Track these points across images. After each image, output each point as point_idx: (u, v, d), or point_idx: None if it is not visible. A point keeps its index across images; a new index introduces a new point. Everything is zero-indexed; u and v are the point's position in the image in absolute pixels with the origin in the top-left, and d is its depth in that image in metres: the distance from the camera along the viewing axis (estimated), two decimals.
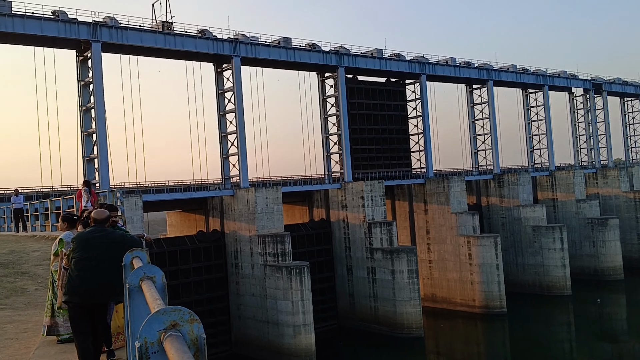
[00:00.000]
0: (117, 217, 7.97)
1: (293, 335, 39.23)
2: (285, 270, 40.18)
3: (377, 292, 47.14)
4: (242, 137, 49.17)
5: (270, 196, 43.98)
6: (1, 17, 39.46)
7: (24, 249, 16.89)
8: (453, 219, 54.11)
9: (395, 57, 59.94)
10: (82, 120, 44.69)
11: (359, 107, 57.32)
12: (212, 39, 48.19)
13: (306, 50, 53.42)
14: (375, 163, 57.81)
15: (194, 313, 2.43)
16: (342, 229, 50.60)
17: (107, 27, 43.26)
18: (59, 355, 7.06)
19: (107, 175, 42.43)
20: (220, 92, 51.08)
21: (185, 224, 52.14)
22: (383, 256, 46.92)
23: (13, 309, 10.23)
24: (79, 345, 5.64)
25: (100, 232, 5.89)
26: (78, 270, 5.62)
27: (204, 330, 2.42)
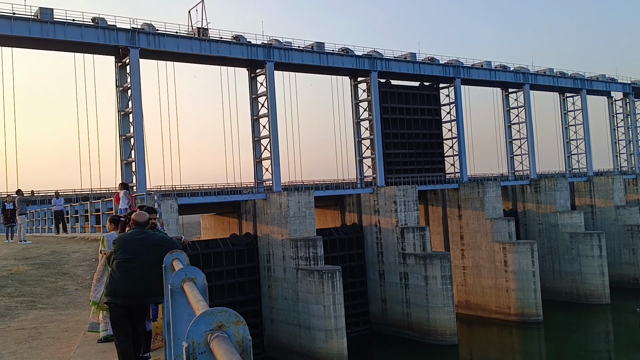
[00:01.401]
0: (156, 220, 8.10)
1: (325, 340, 39.16)
2: (317, 274, 40.18)
3: (410, 298, 46.70)
4: (275, 141, 49.48)
5: (303, 200, 44.11)
6: (43, 24, 40.67)
7: (65, 249, 17.31)
8: (488, 225, 53.28)
9: (429, 61, 59.51)
10: (120, 125, 45.67)
11: (392, 112, 57.05)
12: (246, 45, 48.71)
13: (339, 54, 53.50)
14: (408, 168, 57.40)
15: (240, 315, 2.45)
16: (375, 233, 50.36)
17: (145, 33, 44.16)
18: (99, 354, 7.19)
19: (144, 179, 43.22)
20: (254, 97, 51.54)
21: (219, 227, 52.69)
22: (416, 262, 46.49)
23: (54, 308, 10.48)
24: (119, 345, 5.73)
25: (141, 234, 5.98)
26: (120, 271, 5.72)
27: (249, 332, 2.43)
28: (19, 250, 17.48)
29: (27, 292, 11.57)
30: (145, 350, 6.55)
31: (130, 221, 6.46)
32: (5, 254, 16.53)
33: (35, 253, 16.54)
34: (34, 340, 8.03)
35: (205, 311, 2.41)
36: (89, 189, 46.45)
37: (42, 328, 8.79)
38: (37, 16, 40.78)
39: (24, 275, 13.16)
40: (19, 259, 15.44)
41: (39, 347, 7.72)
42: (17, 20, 40.02)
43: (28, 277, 12.92)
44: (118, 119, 45.91)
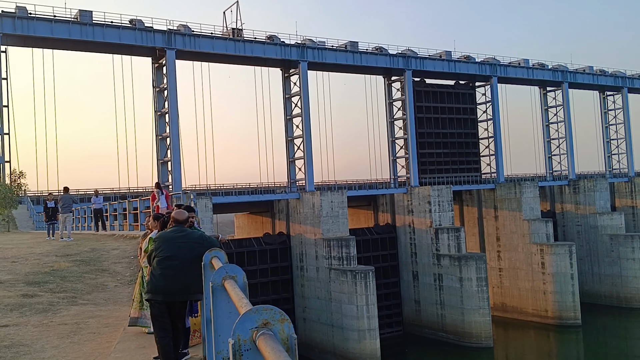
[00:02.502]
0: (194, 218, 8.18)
1: (358, 340, 39.05)
2: (350, 274, 40.08)
3: (444, 300, 46.16)
4: (308, 141, 49.59)
5: (336, 200, 44.07)
6: (83, 26, 41.67)
7: (104, 247, 17.68)
8: (525, 226, 52.29)
9: (464, 59, 58.76)
10: (157, 125, 46.48)
11: (427, 111, 56.52)
12: (280, 45, 48.95)
13: (373, 53, 53.28)
14: (443, 167, 56.78)
15: (285, 313, 2.43)
16: (408, 234, 49.96)
17: (181, 34, 44.80)
18: (138, 350, 7.29)
19: (180, 178, 43.88)
20: (287, 97, 51.77)
21: (252, 226, 53.08)
22: (451, 263, 45.93)
23: (94, 304, 10.69)
24: (159, 341, 5.80)
25: (181, 232, 6.04)
26: (160, 269, 5.78)
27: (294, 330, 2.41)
28: (61, 247, 17.93)
29: (69, 288, 11.84)
30: (183, 346, 6.62)
31: (170, 219, 6.53)
32: (47, 250, 16.99)
33: (75, 250, 16.95)
34: (76, 335, 8.20)
35: (251, 309, 2.39)
36: (127, 188, 47.41)
37: (83, 323, 8.97)
38: (77, 18, 41.81)
39: (66, 271, 13.49)
40: (60, 255, 15.84)
41: (80, 342, 7.87)
42: (58, 23, 41.11)
43: (69, 274, 13.23)
44: (155, 119, 46.73)
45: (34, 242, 20.26)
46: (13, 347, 7.48)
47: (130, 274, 13.44)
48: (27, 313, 9.58)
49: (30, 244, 19.69)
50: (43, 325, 8.80)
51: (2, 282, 11.97)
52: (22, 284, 11.93)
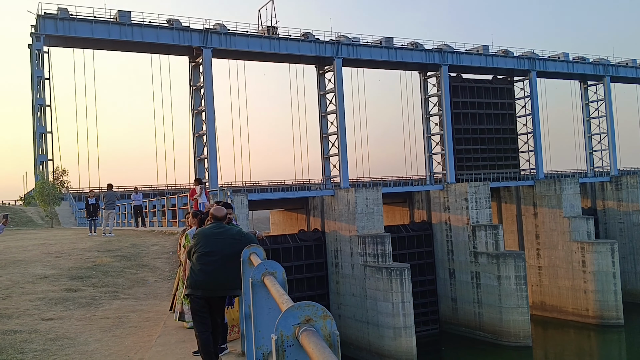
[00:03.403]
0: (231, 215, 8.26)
1: (393, 338, 38.84)
2: (386, 271, 39.88)
3: (482, 298, 45.51)
4: (343, 137, 49.53)
5: (371, 197, 43.88)
6: (122, 26, 42.54)
7: (144, 242, 18.03)
8: (565, 224, 51.07)
9: (502, 54, 57.71)
10: (194, 123, 47.15)
11: (463, 106, 55.73)
12: (314, 42, 48.99)
13: (408, 49, 52.83)
14: (480, 164, 55.92)
15: (327, 309, 2.42)
16: (445, 231, 49.40)
17: (217, 33, 45.29)
18: (178, 344, 7.41)
19: (216, 175, 44.43)
20: (322, 94, 51.79)
21: (287, 223, 53.35)
22: (488, 261, 45.22)
23: (135, 298, 10.91)
24: (199, 335, 5.88)
25: (220, 228, 6.10)
26: (200, 264, 5.85)
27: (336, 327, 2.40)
28: (102, 242, 18.37)
29: (110, 282, 12.12)
30: (222, 341, 6.69)
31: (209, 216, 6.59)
32: (89, 246, 17.43)
33: (117, 246, 17.34)
34: (118, 329, 8.39)
35: (293, 305, 2.39)
36: (165, 185, 48.30)
37: (125, 317, 9.16)
38: (116, 19, 42.71)
39: (107, 266, 13.81)
40: (102, 251, 16.23)
41: (122, 335, 8.05)
42: (98, 23, 42.08)
43: (111, 269, 13.55)
44: (191, 118, 47.41)
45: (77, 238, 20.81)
46: (58, 339, 7.69)
47: (170, 269, 13.67)
48: (71, 307, 9.84)
49: (73, 239, 20.24)
50: (86, 318, 9.03)
51: (47, 277, 12.33)
52: (65, 278, 12.26)
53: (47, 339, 7.67)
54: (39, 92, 41.81)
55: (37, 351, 7.11)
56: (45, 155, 42.24)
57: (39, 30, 40.89)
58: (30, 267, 13.35)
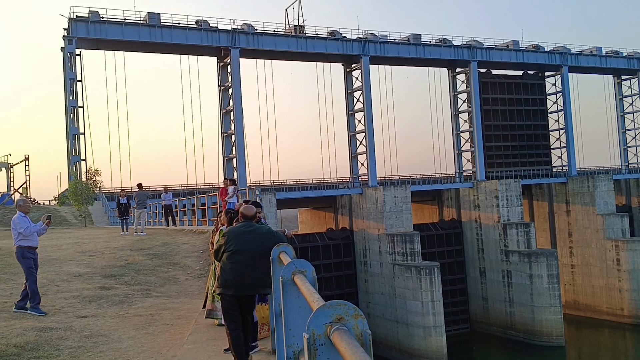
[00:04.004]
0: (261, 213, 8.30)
1: (423, 337, 38.56)
2: (415, 270, 39.60)
3: (513, 297, 44.83)
4: (371, 135, 49.36)
5: (399, 195, 43.62)
6: (152, 28, 43.16)
7: (175, 241, 18.26)
8: (599, 221, 49.95)
9: (533, 49, 56.73)
10: (222, 123, 47.58)
11: (493, 103, 54.99)
12: (341, 40, 48.93)
13: (436, 45, 52.36)
14: (511, 161, 55.09)
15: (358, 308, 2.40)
16: (475, 229, 48.80)
17: (245, 33, 45.60)
18: (209, 341, 7.48)
19: (245, 174, 44.76)
20: (349, 92, 51.70)
21: (316, 221, 53.42)
22: (520, 259, 44.52)
23: (167, 296, 11.06)
24: (230, 333, 5.92)
25: (250, 227, 6.12)
26: (230, 263, 5.89)
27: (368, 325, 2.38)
28: (134, 241, 18.67)
29: (143, 280, 12.32)
30: (252, 339, 6.73)
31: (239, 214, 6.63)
32: (122, 244, 17.74)
33: (148, 244, 17.60)
34: (150, 327, 8.51)
35: (325, 304, 2.38)
36: (194, 184, 48.85)
37: (157, 315, 9.29)
38: (146, 21, 43.34)
39: (139, 265, 14.03)
40: (134, 249, 16.50)
41: (154, 332, 8.16)
42: (128, 26, 42.78)
43: (143, 267, 13.76)
44: (220, 117, 47.85)
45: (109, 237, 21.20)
46: (92, 337, 7.84)
47: (200, 267, 13.82)
48: (105, 304, 10.03)
49: (106, 238, 20.62)
50: (119, 316, 9.19)
51: (81, 275, 12.59)
52: (99, 276, 12.50)
53: (82, 336, 7.82)
54: (71, 94, 42.72)
55: (72, 348, 7.26)
56: (79, 156, 43.14)
57: (71, 33, 41.76)
58: (65, 266, 13.65)
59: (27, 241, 9.36)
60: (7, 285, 11.47)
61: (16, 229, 9.33)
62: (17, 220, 9.36)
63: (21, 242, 9.34)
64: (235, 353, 5.89)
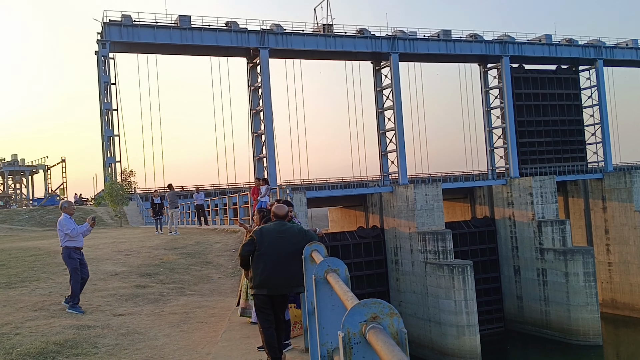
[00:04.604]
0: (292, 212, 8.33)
1: (456, 336, 38.15)
2: (447, 268, 39.21)
3: (549, 296, 44.00)
4: (401, 133, 49.06)
5: (430, 193, 43.24)
6: (182, 30, 43.73)
7: (207, 240, 18.49)
8: (637, 218, 48.62)
9: (566, 43, 55.55)
10: (252, 123, 47.92)
11: (526, 98, 54.04)
12: (370, 38, 48.76)
13: (467, 41, 51.72)
14: (545, 157, 54.06)
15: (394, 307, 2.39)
16: (508, 227, 48.05)
17: (274, 33, 45.83)
18: (243, 339, 7.55)
19: (275, 173, 45.00)
20: (379, 90, 51.48)
21: (346, 220, 53.37)
22: (555, 257, 43.67)
23: (201, 295, 11.21)
24: (264, 331, 5.96)
25: (281, 226, 6.15)
26: (263, 262, 5.93)
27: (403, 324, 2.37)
28: (168, 240, 18.97)
29: (177, 279, 12.51)
30: (285, 337, 6.76)
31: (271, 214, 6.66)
32: (156, 244, 18.04)
33: (182, 243, 17.87)
34: (185, 324, 8.64)
35: (360, 302, 2.38)
36: (226, 184, 49.33)
37: (191, 313, 9.43)
38: (177, 23, 43.94)
39: (174, 263, 14.25)
40: (168, 248, 16.76)
41: (189, 330, 8.28)
42: (160, 29, 43.44)
43: (177, 266, 13.97)
44: (250, 118, 48.21)
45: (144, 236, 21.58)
46: (129, 334, 8.00)
47: (233, 266, 13.95)
48: (141, 303, 10.22)
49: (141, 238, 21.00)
50: (155, 314, 9.35)
51: (118, 274, 12.85)
52: (135, 275, 12.74)
53: (119, 334, 7.99)
54: (106, 97, 43.61)
55: (109, 346, 7.42)
56: (114, 158, 44.03)
57: (105, 37, 42.62)
58: (102, 265, 13.95)
59: (73, 242, 9.58)
60: (47, 284, 11.78)
61: (62, 230, 9.53)
62: (63, 221, 9.57)
63: (67, 243, 9.55)
64: (269, 351, 5.93)
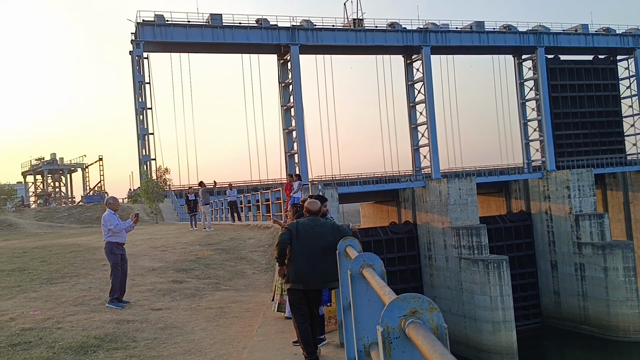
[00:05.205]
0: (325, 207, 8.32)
1: (492, 332, 37.66)
2: (482, 264, 38.69)
3: (587, 291, 43.02)
4: (433, 127, 48.57)
5: (464, 187, 42.70)
6: (214, 29, 44.15)
7: (241, 236, 18.65)
8: None
9: (603, 32, 54.04)
10: (283, 119, 48.11)
11: (562, 89, 52.83)
12: (401, 31, 48.35)
13: (500, 32, 50.83)
14: (582, 150, 52.80)
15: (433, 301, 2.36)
16: (545, 221, 47.10)
17: (304, 29, 45.85)
18: (278, 334, 7.59)
19: (306, 169, 45.10)
20: (410, 84, 51.03)
21: (378, 215, 53.15)
22: (593, 252, 42.64)
23: (235, 290, 11.31)
24: (298, 326, 5.97)
25: (315, 221, 6.14)
26: (298, 258, 5.93)
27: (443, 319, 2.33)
28: (203, 236, 19.21)
29: (212, 274, 12.66)
30: (320, 332, 6.77)
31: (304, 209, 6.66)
32: (191, 240, 18.29)
33: (216, 239, 18.06)
34: (221, 319, 8.73)
35: (398, 297, 2.35)
36: (258, 180, 49.67)
37: (227, 308, 9.52)
38: (208, 22, 44.37)
39: (209, 259, 14.43)
40: (203, 244, 16.98)
41: (225, 325, 8.37)
42: (192, 28, 43.94)
43: (212, 261, 14.14)
44: (281, 114, 48.40)
45: (179, 233, 21.90)
46: (167, 328, 8.13)
47: (266, 261, 14.05)
48: (177, 298, 10.37)
49: (176, 234, 21.32)
50: (191, 309, 9.48)
51: (155, 270, 13.07)
52: (171, 270, 12.94)
53: (157, 328, 8.12)
54: (140, 96, 44.39)
55: (148, 339, 7.55)
56: (148, 155, 44.81)
57: (139, 37, 43.34)
58: (139, 261, 14.22)
59: (115, 237, 9.79)
60: (86, 279, 12.07)
61: (106, 225, 9.74)
62: (108, 217, 9.78)
63: (110, 238, 9.76)
64: (304, 345, 5.94)
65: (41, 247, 18.74)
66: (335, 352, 6.59)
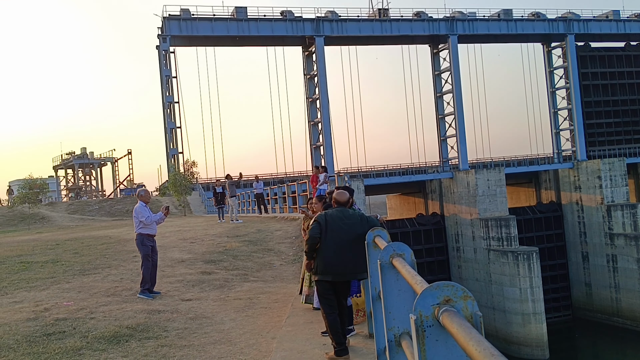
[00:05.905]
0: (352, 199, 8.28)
1: (522, 324, 37.22)
2: (512, 255, 38.22)
3: (619, 282, 42.17)
4: (460, 117, 48.01)
5: (492, 178, 42.17)
6: (239, 22, 44.29)
7: (268, 228, 18.75)
8: None
9: (635, 18, 52.62)
10: (308, 111, 48.11)
11: (593, 77, 51.64)
12: (427, 20, 47.81)
13: (529, 20, 49.88)
14: (614, 139, 51.60)
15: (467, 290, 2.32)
16: (576, 212, 46.25)
17: (329, 21, 45.68)
18: (306, 325, 7.61)
19: (332, 161, 45.08)
20: (437, 74, 50.50)
21: (405, 207, 52.87)
22: (626, 243, 41.74)
23: (263, 281, 11.39)
24: (327, 317, 5.97)
25: (343, 212, 6.12)
26: (326, 250, 5.92)
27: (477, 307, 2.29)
28: (230, 228, 19.37)
29: (240, 266, 12.76)
30: (348, 323, 6.77)
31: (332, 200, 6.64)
32: (219, 232, 18.46)
33: (244, 231, 18.20)
34: (250, 309, 8.80)
35: (431, 285, 2.32)
36: (284, 173, 49.83)
37: (255, 299, 9.59)
38: (233, 15, 44.53)
39: (237, 251, 14.54)
40: (231, 236, 17.12)
41: (254, 315, 8.43)
42: (217, 21, 44.16)
43: (240, 253, 14.25)
44: (306, 106, 48.41)
45: (207, 225, 22.12)
46: (197, 319, 8.23)
47: (294, 253, 14.10)
48: (207, 288, 10.49)
49: (204, 226, 21.54)
50: (220, 299, 9.57)
51: (184, 261, 13.24)
52: (200, 262, 13.09)
53: (187, 318, 8.22)
54: (168, 90, 44.85)
55: (179, 329, 7.65)
56: (176, 149, 45.31)
57: (165, 31, 43.74)
58: (169, 252, 14.41)
59: (146, 229, 9.91)
60: (118, 271, 12.28)
61: (138, 217, 9.87)
62: (139, 209, 9.91)
63: (141, 230, 9.90)
64: (333, 336, 5.94)
65: (73, 240, 19.13)
66: (364, 342, 6.58)
